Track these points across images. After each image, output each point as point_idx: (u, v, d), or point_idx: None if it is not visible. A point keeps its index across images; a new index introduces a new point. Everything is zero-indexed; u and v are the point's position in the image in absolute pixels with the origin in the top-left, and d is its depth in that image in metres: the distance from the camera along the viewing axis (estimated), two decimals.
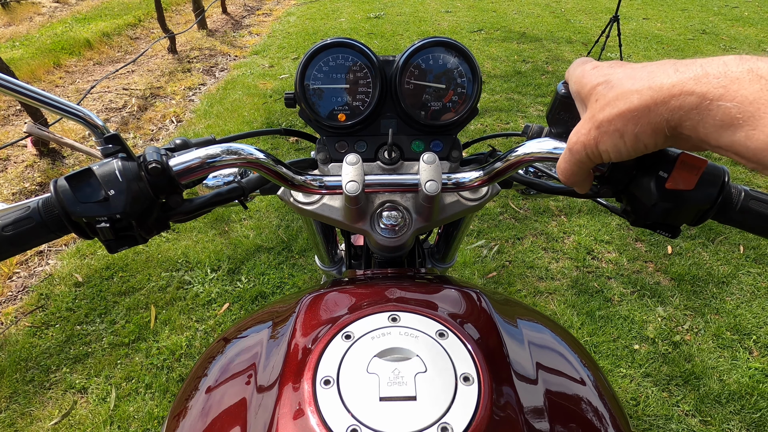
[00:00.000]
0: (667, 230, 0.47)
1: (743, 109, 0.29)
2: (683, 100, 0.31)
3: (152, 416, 1.67)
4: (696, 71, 0.31)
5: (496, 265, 2.34)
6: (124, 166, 0.46)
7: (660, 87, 0.32)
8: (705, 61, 0.31)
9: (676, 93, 0.31)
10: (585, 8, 7.54)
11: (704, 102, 0.30)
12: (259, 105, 3.99)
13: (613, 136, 0.35)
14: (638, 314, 2.08)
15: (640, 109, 0.33)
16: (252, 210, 2.69)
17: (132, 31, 5.98)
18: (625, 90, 0.34)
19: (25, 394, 1.75)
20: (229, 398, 0.49)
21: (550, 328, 0.60)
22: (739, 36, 6.20)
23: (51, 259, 2.41)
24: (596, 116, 0.36)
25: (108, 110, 3.90)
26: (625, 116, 0.34)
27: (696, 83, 0.30)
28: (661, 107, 0.32)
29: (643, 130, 0.34)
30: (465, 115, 0.62)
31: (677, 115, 0.32)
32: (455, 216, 0.64)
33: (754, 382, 1.79)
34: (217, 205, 0.57)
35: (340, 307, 0.53)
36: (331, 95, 0.61)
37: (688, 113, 0.31)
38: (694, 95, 0.30)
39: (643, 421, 1.68)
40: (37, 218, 0.45)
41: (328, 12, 7.19)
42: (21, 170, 2.96)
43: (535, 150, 0.51)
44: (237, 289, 2.18)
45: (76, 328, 2.01)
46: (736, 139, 0.29)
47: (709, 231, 2.57)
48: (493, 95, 4.17)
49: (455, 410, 0.39)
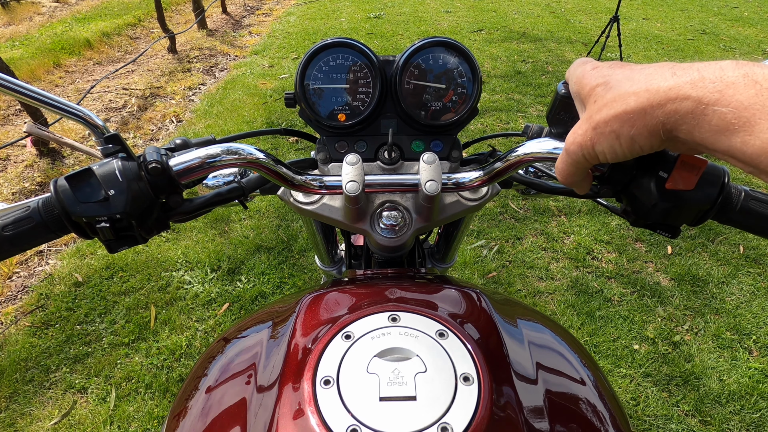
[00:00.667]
0: (667, 230, 0.47)
1: (739, 114, 0.29)
2: (679, 104, 0.31)
3: (152, 416, 1.67)
4: (693, 75, 0.31)
5: (496, 265, 2.34)
6: (124, 166, 0.46)
7: (657, 90, 0.32)
8: (702, 66, 0.31)
9: (672, 96, 0.31)
10: (585, 8, 7.54)
11: (700, 106, 0.30)
12: (259, 105, 3.99)
13: (609, 137, 0.35)
14: (638, 314, 2.08)
15: (637, 111, 0.33)
16: (252, 210, 2.69)
17: (132, 30, 5.98)
18: (623, 92, 0.34)
19: (25, 393, 1.75)
20: (229, 398, 0.49)
21: (550, 328, 0.60)
22: (739, 36, 6.20)
23: (51, 258, 2.41)
24: (593, 117, 0.36)
25: (108, 110, 3.90)
26: (621, 118, 0.34)
27: (692, 87, 0.31)
28: (657, 110, 0.32)
29: (639, 132, 0.34)
30: (465, 115, 0.62)
31: (673, 118, 0.32)
32: (455, 216, 0.64)
33: (754, 382, 1.79)
34: (217, 205, 0.57)
35: (340, 307, 0.53)
36: (331, 95, 0.61)
37: (683, 117, 0.31)
38: (690, 99, 0.31)
39: (643, 421, 1.68)
40: (37, 218, 0.45)
41: (328, 12, 7.19)
42: (21, 170, 2.96)
43: (535, 150, 0.51)
44: (237, 289, 2.18)
45: (76, 328, 2.01)
46: (733, 144, 0.29)
47: (709, 231, 2.57)
48: (493, 95, 4.17)
49: (455, 410, 0.39)
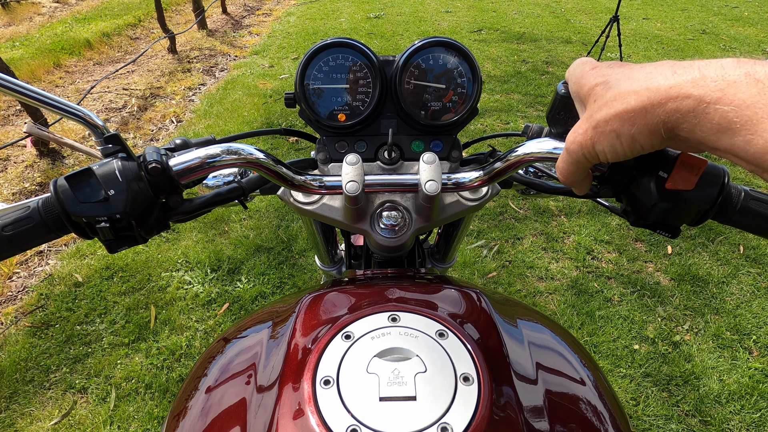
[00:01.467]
0: (667, 230, 0.47)
1: (740, 113, 0.28)
2: (680, 103, 0.31)
3: (152, 416, 1.67)
4: (693, 74, 0.31)
5: (496, 265, 2.34)
6: (124, 166, 0.46)
7: (657, 88, 0.32)
8: (703, 64, 0.31)
9: (673, 95, 0.31)
10: (585, 8, 7.54)
11: (701, 105, 0.30)
12: (259, 105, 3.99)
13: (609, 136, 0.35)
14: (638, 314, 2.08)
15: (637, 110, 0.33)
16: (252, 210, 2.69)
17: (132, 31, 5.98)
18: (623, 91, 0.34)
19: (25, 394, 1.75)
20: (229, 398, 0.49)
21: (550, 328, 0.60)
22: (739, 36, 6.19)
23: (51, 259, 2.41)
24: (593, 116, 0.36)
25: (108, 110, 3.90)
26: (622, 117, 0.34)
27: (693, 86, 0.30)
28: (657, 109, 0.32)
29: (640, 131, 0.33)
30: (465, 115, 0.62)
31: (674, 117, 0.31)
32: (455, 216, 0.64)
33: (754, 382, 1.79)
34: (217, 205, 0.57)
35: (340, 307, 0.53)
36: (331, 95, 0.61)
37: (685, 116, 0.31)
38: (691, 98, 0.30)
39: (643, 421, 1.68)
40: (37, 218, 0.45)
41: (328, 12, 7.19)
42: (21, 170, 2.96)
43: (535, 150, 0.51)
44: (237, 290, 2.18)
45: (76, 328, 2.00)
46: (735, 143, 0.29)
47: (709, 231, 2.57)
48: (493, 95, 4.17)
49: (455, 410, 0.39)
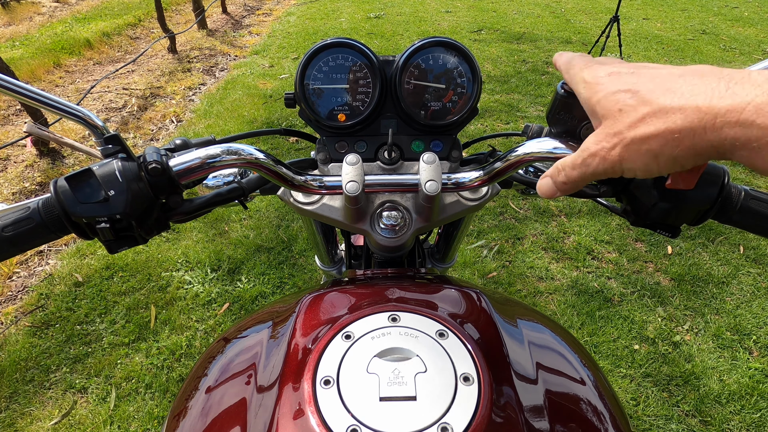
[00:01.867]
0: (667, 230, 0.47)
1: None
2: (740, 131, 0.26)
3: (152, 416, 1.67)
4: (754, 95, 0.26)
5: (496, 265, 2.34)
6: (124, 166, 0.46)
7: (710, 109, 0.27)
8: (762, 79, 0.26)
9: (731, 121, 0.26)
10: (585, 8, 7.54)
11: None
12: (259, 105, 3.99)
13: (645, 156, 0.31)
14: (638, 314, 2.08)
15: (684, 131, 0.29)
16: (252, 210, 2.69)
17: (132, 30, 5.98)
18: (663, 106, 0.30)
19: (25, 393, 1.75)
20: (229, 398, 0.49)
21: (550, 328, 0.60)
22: (739, 36, 6.19)
23: (51, 259, 2.41)
24: (624, 133, 0.32)
25: (108, 110, 3.90)
26: (665, 137, 0.30)
27: (757, 113, 0.26)
28: (710, 133, 0.27)
29: (684, 153, 0.29)
30: (465, 115, 0.62)
31: (730, 143, 0.27)
32: (455, 216, 0.64)
33: (754, 382, 1.79)
34: (217, 205, 0.57)
35: (340, 307, 0.53)
36: (331, 95, 0.61)
37: (745, 144, 0.26)
38: (755, 127, 0.26)
39: (643, 421, 1.68)
40: (37, 219, 0.45)
41: (328, 12, 7.19)
42: (21, 170, 2.96)
43: (535, 150, 0.51)
44: (237, 289, 2.18)
45: (76, 328, 2.00)
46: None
47: (709, 231, 2.57)
48: (493, 95, 4.17)
49: (455, 410, 0.39)
